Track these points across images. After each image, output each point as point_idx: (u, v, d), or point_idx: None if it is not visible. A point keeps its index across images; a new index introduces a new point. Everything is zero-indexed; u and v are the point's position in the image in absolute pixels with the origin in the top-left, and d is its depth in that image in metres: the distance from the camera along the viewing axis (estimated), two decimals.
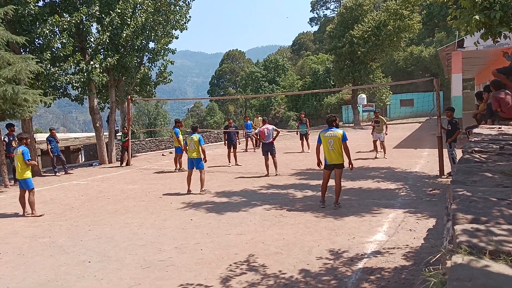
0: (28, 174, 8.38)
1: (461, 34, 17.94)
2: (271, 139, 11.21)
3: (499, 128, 5.45)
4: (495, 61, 20.13)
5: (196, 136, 9.65)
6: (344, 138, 7.33)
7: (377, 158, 13.58)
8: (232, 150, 14.24)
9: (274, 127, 11.50)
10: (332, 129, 7.46)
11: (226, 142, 14.72)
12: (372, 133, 14.51)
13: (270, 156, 11.22)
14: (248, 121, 19.09)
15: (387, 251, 5.11)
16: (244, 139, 18.95)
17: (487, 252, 1.55)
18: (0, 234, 7.07)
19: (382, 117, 14.43)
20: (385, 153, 13.65)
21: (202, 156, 9.66)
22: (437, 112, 10.47)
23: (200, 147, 9.61)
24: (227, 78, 79.08)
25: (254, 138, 18.42)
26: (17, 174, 8.56)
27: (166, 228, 6.80)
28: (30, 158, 8.44)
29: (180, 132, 13.61)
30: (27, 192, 8.36)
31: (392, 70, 44.53)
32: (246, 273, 4.75)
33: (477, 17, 6.03)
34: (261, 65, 62.48)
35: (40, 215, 8.24)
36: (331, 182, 7.66)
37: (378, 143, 13.99)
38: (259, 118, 18.90)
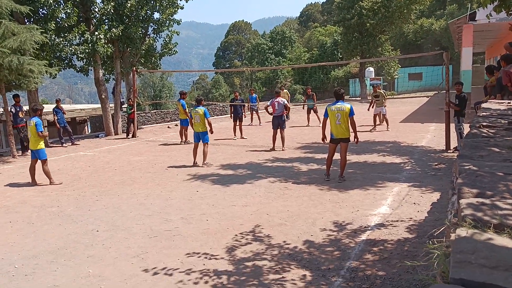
0: (42, 144, 8.47)
1: (473, 7, 17.50)
2: (281, 112, 11.14)
3: (509, 103, 5.37)
4: (507, 34, 19.64)
5: (201, 109, 9.60)
6: (351, 113, 7.30)
7: (374, 131, 13.74)
8: (238, 123, 14.22)
9: (285, 101, 11.43)
10: (339, 103, 7.42)
11: (232, 115, 14.67)
12: (368, 109, 14.78)
13: (278, 130, 11.16)
14: (253, 94, 18.80)
15: (391, 224, 5.17)
16: (249, 113, 18.81)
17: (491, 226, 1.56)
18: (9, 203, 7.22)
19: (380, 91, 14.52)
20: (388, 125, 13.75)
21: (208, 128, 9.66)
22: (445, 86, 10.33)
23: (206, 120, 9.60)
24: (233, 50, 78.10)
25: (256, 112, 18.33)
26: (30, 144, 8.63)
27: (173, 199, 6.90)
28: (43, 130, 8.50)
29: (186, 104, 13.57)
30: (39, 162, 8.47)
31: (401, 43, 43.68)
32: (251, 243, 4.84)
33: None
34: (267, 37, 61.46)
35: (59, 183, 8.39)
36: (337, 156, 7.67)
37: (379, 116, 14.13)
38: (284, 91, 18.54)
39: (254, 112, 18.35)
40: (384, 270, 3.95)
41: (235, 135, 14.18)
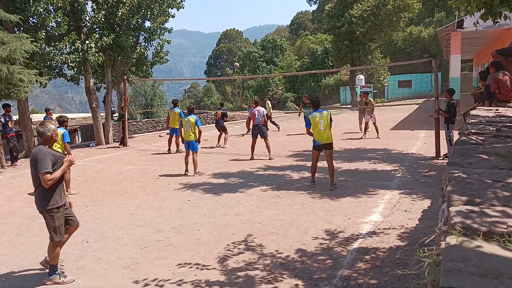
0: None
1: (461, 14, 17.74)
2: (261, 121, 11.23)
3: (496, 110, 5.44)
4: (494, 42, 19.98)
5: (193, 118, 9.55)
6: (331, 119, 7.61)
7: (363, 138, 13.88)
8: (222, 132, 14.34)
9: (265, 111, 11.57)
10: (319, 111, 7.64)
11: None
12: (361, 116, 15.05)
13: (262, 139, 11.17)
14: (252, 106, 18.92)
15: (382, 232, 5.18)
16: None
17: (481, 233, 1.57)
18: None
19: (370, 99, 14.70)
20: (378, 133, 13.91)
21: (197, 137, 9.61)
22: (435, 93, 10.44)
23: (197, 129, 9.55)
24: (224, 58, 78.33)
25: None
26: None
27: (164, 209, 6.85)
28: (70, 140, 8.47)
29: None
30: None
31: (391, 51, 44.15)
32: (243, 252, 4.81)
33: None
34: (258, 45, 61.78)
35: (76, 193, 8.27)
36: (320, 164, 7.74)
37: (370, 124, 14.20)
38: (267, 102, 18.52)
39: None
40: (376, 279, 3.94)
41: (218, 144, 14.35)
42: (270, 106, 18.15)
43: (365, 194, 7.01)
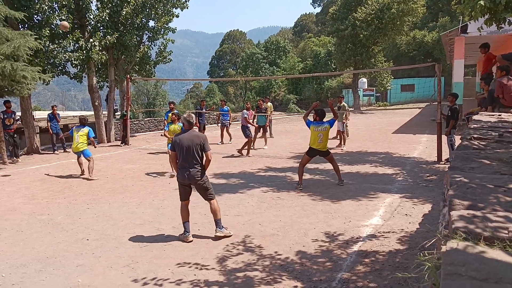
0: (85, 146, 9.68)
1: (465, 19, 17.71)
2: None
3: (499, 115, 5.43)
4: (498, 47, 19.94)
5: (179, 126, 9.92)
6: (331, 125, 7.92)
7: (338, 147, 12.23)
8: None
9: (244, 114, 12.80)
10: (323, 124, 7.87)
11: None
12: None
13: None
14: (225, 107, 15.68)
15: (382, 235, 5.16)
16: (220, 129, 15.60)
17: (482, 238, 1.57)
18: None
19: (345, 104, 13.31)
20: (344, 144, 12.56)
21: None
22: (437, 98, 10.43)
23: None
24: (227, 59, 78.38)
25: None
26: (74, 148, 9.78)
27: (164, 208, 6.85)
28: (95, 135, 9.84)
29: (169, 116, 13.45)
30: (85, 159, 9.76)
31: (394, 55, 44.12)
32: (242, 253, 4.80)
33: (482, 2, 5.93)
34: (262, 46, 61.78)
35: (96, 179, 9.46)
36: (321, 166, 7.73)
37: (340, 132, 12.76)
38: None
39: (226, 128, 15.29)
40: (375, 282, 3.93)
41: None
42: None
43: (366, 197, 7.00)
